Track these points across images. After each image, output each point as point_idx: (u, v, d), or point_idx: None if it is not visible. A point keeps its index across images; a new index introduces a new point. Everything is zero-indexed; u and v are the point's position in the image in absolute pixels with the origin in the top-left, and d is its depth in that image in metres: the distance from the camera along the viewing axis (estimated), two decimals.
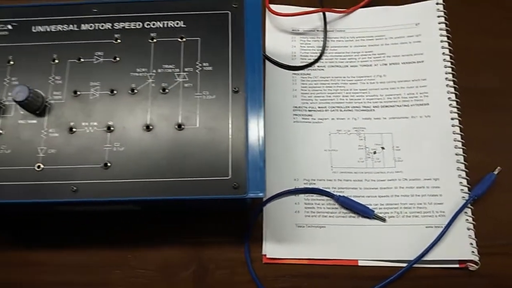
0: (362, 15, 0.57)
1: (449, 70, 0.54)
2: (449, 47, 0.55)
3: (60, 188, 0.41)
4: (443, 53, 0.54)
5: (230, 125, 0.43)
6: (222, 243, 0.48)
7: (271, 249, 0.47)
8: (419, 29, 0.56)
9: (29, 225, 0.50)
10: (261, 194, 0.41)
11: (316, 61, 0.55)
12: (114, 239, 0.49)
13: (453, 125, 0.51)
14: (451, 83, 0.53)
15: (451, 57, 0.54)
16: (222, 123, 0.43)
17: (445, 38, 0.55)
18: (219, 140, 0.42)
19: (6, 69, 0.46)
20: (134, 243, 0.48)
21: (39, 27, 0.47)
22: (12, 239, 0.50)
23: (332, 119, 0.52)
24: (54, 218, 0.49)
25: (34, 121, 0.44)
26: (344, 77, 0.54)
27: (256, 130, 0.43)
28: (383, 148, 0.51)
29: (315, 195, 0.49)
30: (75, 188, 0.41)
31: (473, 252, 0.46)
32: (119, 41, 0.46)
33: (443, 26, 0.55)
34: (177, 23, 0.47)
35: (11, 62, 0.46)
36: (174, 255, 0.48)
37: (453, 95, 0.53)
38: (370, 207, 0.48)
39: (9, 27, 0.48)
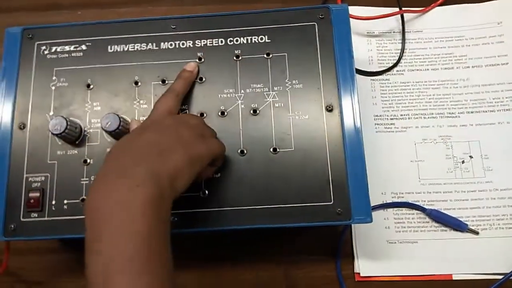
0: (440, 14, 0.54)
1: None
2: None
3: None
4: None
5: (327, 147, 0.41)
6: (312, 260, 0.48)
7: (364, 267, 0.46)
8: (502, 28, 0.53)
9: None
10: (368, 220, 0.39)
11: (395, 65, 0.53)
12: (204, 260, 0.48)
13: None
14: None
15: None
16: (318, 145, 0.41)
17: None
18: (317, 163, 0.41)
19: (86, 94, 0.44)
20: (225, 263, 0.48)
21: (116, 46, 0.45)
22: None
23: (416, 127, 0.51)
24: None
25: None
26: (425, 82, 0.52)
27: (355, 150, 0.41)
28: (471, 157, 0.49)
29: (404, 209, 0.48)
30: (175, 218, 0.40)
31: None
32: (202, 60, 0.44)
33: None
34: (261, 38, 0.45)
35: (91, 86, 0.44)
36: (265, 274, 0.47)
37: None
38: (461, 219, 0.47)
39: (83, 47, 0.46)
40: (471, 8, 0.54)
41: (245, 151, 0.42)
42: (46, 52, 0.46)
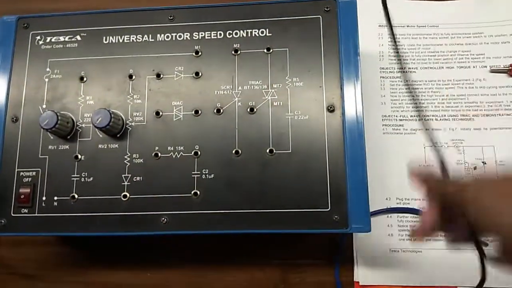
0: (458, 8, 0.51)
1: None
2: None
3: (151, 219, 0.39)
4: None
5: (326, 150, 0.39)
6: (310, 265, 0.46)
7: (364, 276, 0.44)
8: None
9: (110, 246, 0.48)
10: (366, 229, 0.37)
11: (407, 62, 0.50)
12: (198, 260, 0.47)
13: None
14: None
15: None
16: (317, 148, 0.39)
17: None
18: (315, 167, 0.39)
19: (79, 87, 0.43)
20: (221, 264, 0.46)
21: (111, 37, 0.44)
22: (93, 260, 0.48)
23: (427, 129, 0.48)
24: (134, 240, 0.48)
25: (116, 145, 0.41)
26: (439, 81, 0.49)
27: (356, 155, 0.39)
28: (484, 163, 0.46)
29: (409, 215, 0.46)
30: (165, 219, 0.39)
31: None
32: (199, 53, 0.42)
33: None
34: (262, 32, 0.42)
35: (84, 79, 0.43)
36: (261, 276, 0.46)
37: None
38: None
39: (78, 37, 0.44)
40: (492, 2, 0.50)
41: (240, 152, 0.40)
42: (40, 42, 0.44)
